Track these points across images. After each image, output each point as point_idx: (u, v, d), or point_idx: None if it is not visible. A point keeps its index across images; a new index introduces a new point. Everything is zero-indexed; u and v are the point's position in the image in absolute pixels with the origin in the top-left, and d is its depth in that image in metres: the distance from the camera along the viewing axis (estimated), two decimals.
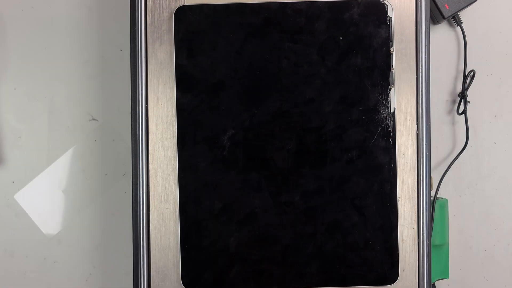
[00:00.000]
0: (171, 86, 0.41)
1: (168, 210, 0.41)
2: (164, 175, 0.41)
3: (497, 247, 0.51)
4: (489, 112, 0.50)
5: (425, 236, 0.41)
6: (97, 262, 0.51)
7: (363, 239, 0.41)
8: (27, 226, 0.51)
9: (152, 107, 0.41)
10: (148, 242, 0.41)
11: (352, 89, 0.40)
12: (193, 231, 0.41)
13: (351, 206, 0.41)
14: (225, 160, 0.41)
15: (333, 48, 0.40)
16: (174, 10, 0.41)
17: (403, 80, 0.41)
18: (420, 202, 0.41)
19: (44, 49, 0.51)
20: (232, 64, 0.41)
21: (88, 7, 0.51)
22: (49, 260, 0.51)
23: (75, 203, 0.51)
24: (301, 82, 0.40)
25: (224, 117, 0.41)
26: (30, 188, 0.51)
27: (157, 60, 0.41)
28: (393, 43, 0.41)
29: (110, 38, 0.51)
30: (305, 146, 0.41)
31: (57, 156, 0.51)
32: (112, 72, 0.50)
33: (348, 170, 0.41)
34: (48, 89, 0.51)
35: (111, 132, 0.51)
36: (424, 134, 0.41)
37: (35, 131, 0.51)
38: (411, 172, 0.41)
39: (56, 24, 0.51)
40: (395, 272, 0.41)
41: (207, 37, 0.41)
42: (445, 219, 0.47)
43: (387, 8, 0.41)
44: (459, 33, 0.50)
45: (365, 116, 0.40)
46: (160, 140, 0.41)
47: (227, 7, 0.40)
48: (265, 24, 0.40)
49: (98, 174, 0.51)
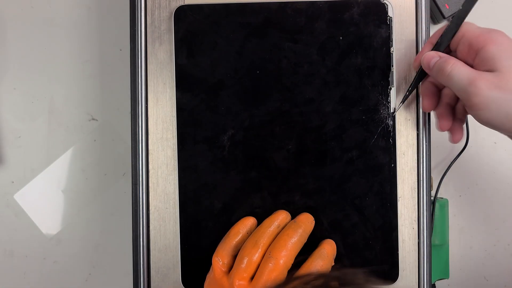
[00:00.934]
0: (171, 86, 0.41)
1: (168, 210, 0.41)
2: (164, 175, 0.41)
3: (497, 247, 0.51)
4: None
5: (425, 236, 0.41)
6: (97, 262, 0.51)
7: (363, 239, 0.41)
8: (26, 226, 0.51)
9: (152, 107, 0.41)
10: (148, 242, 0.41)
11: (352, 89, 0.40)
12: (193, 231, 0.41)
13: (351, 206, 0.40)
14: (225, 160, 0.41)
15: (333, 48, 0.40)
16: (174, 10, 0.41)
17: (403, 80, 0.41)
18: (420, 202, 0.41)
19: (43, 49, 0.51)
20: (232, 63, 0.40)
21: (87, 6, 0.51)
22: (48, 260, 0.51)
23: (75, 203, 0.51)
24: (301, 82, 0.40)
25: (224, 117, 0.40)
26: (29, 188, 0.51)
27: (157, 60, 0.41)
28: (393, 43, 0.41)
29: (110, 38, 0.51)
30: (305, 146, 0.40)
31: (56, 156, 0.51)
32: (111, 72, 0.50)
33: (348, 170, 0.41)
34: (47, 89, 0.51)
35: (111, 132, 0.51)
36: (424, 134, 0.41)
37: (34, 131, 0.50)
38: (411, 172, 0.41)
39: (55, 23, 0.51)
40: (395, 272, 0.41)
41: (207, 37, 0.40)
42: (445, 219, 0.47)
43: (387, 7, 0.40)
44: None
45: (365, 116, 0.40)
46: (160, 140, 0.41)
47: (227, 7, 0.40)
48: (265, 23, 0.40)
49: (97, 174, 0.51)
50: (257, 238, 0.36)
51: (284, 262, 0.35)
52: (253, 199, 0.41)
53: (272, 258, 0.35)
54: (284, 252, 0.35)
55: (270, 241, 0.36)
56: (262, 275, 0.35)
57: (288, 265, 0.35)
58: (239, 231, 0.38)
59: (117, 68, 0.50)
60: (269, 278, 0.34)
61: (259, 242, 0.36)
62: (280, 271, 0.35)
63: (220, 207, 0.41)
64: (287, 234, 0.36)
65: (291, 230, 0.37)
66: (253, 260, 0.35)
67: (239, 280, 0.35)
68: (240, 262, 0.35)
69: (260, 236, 0.36)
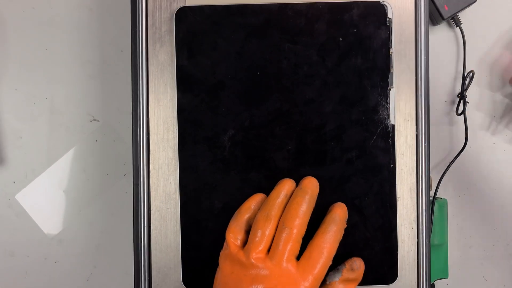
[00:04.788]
0: (172, 87, 0.41)
1: (169, 210, 0.41)
2: (165, 175, 0.41)
3: (496, 247, 0.51)
4: (488, 112, 0.51)
5: (425, 236, 0.41)
6: (98, 262, 0.51)
7: (362, 239, 0.41)
8: (28, 226, 0.51)
9: (153, 108, 0.41)
10: (149, 242, 0.41)
11: (352, 90, 0.41)
12: (194, 231, 0.41)
13: (351, 206, 0.41)
14: (226, 160, 0.41)
15: (333, 49, 0.41)
16: (175, 11, 0.41)
17: (402, 81, 0.41)
18: (420, 202, 0.41)
19: (45, 50, 0.51)
20: (232, 64, 0.41)
21: (88, 7, 0.51)
22: (50, 260, 0.51)
23: (76, 203, 0.51)
24: (301, 83, 0.41)
25: (225, 118, 0.41)
26: (31, 188, 0.51)
27: (158, 61, 0.41)
28: (393, 44, 0.41)
29: (110, 39, 0.51)
30: (305, 146, 0.41)
31: (58, 156, 0.51)
32: (112, 72, 0.51)
33: (348, 170, 0.41)
34: (48, 90, 0.51)
35: (112, 133, 0.51)
36: (423, 135, 0.41)
37: (36, 132, 0.51)
38: (410, 172, 0.41)
39: (57, 24, 0.51)
40: (394, 272, 0.41)
41: (208, 38, 0.41)
42: (445, 219, 0.47)
43: (386, 9, 0.41)
44: (459, 34, 0.50)
45: (365, 117, 0.41)
46: (161, 140, 0.41)
47: (228, 8, 0.41)
48: (265, 25, 0.41)
49: (99, 174, 0.51)
50: (268, 211, 0.37)
51: (298, 230, 0.36)
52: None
53: (286, 228, 0.36)
54: (298, 221, 0.36)
55: (280, 211, 0.37)
56: (278, 246, 0.35)
57: (302, 232, 0.37)
58: (250, 207, 0.39)
59: (118, 69, 0.51)
60: (285, 248, 0.35)
61: (270, 214, 0.37)
62: (296, 240, 0.36)
63: (220, 207, 0.41)
64: (297, 202, 0.37)
65: (299, 197, 0.38)
66: (267, 233, 0.36)
67: (256, 253, 0.35)
68: (255, 236, 0.36)
69: (270, 208, 0.37)
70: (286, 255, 0.35)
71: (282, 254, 0.35)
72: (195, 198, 0.41)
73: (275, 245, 0.36)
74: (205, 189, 0.41)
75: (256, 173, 0.41)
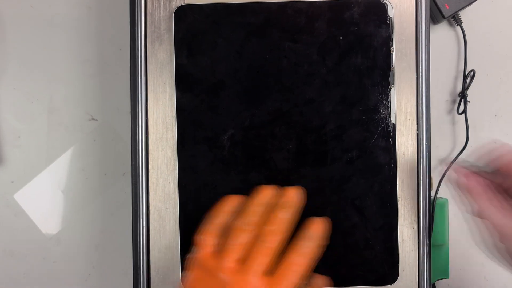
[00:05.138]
0: (170, 86, 0.41)
1: (168, 210, 0.41)
2: (163, 175, 0.41)
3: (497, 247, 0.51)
4: (489, 111, 0.50)
5: (425, 236, 0.41)
6: (97, 262, 0.51)
7: (363, 239, 0.41)
8: (26, 225, 0.51)
9: (152, 107, 0.41)
10: (148, 242, 0.41)
11: (352, 89, 0.40)
12: (193, 231, 0.41)
13: (351, 206, 0.40)
14: (225, 160, 0.41)
15: (333, 48, 0.40)
16: (174, 10, 0.41)
17: (403, 80, 0.41)
18: (420, 202, 0.41)
19: (43, 49, 0.51)
20: (232, 63, 0.40)
21: (87, 6, 0.51)
22: (48, 260, 0.51)
23: (75, 202, 0.51)
24: (301, 82, 0.40)
25: (224, 117, 0.40)
26: (29, 188, 0.51)
27: (157, 59, 0.41)
28: (393, 43, 0.41)
29: (109, 38, 0.50)
30: (305, 146, 0.40)
31: (56, 155, 0.50)
32: (111, 71, 0.50)
33: (348, 170, 0.41)
34: (47, 89, 0.50)
35: (111, 132, 0.51)
36: (424, 134, 0.41)
37: (34, 131, 0.50)
38: (411, 172, 0.41)
39: (55, 23, 0.51)
40: (395, 272, 0.41)
41: (207, 37, 0.40)
42: (445, 219, 0.47)
43: (387, 7, 0.40)
44: (459, 32, 0.50)
45: (365, 116, 0.40)
46: (160, 140, 0.41)
47: (227, 7, 0.40)
48: (265, 23, 0.40)
49: (97, 173, 0.51)
50: (247, 219, 0.35)
51: (275, 247, 0.34)
52: None
53: (266, 243, 0.34)
54: (277, 237, 0.34)
55: (260, 220, 0.35)
56: (255, 260, 0.33)
57: (279, 248, 0.34)
58: (225, 210, 0.36)
59: (117, 68, 0.50)
60: (258, 262, 0.33)
61: (249, 222, 0.34)
62: (271, 255, 0.34)
63: None
64: (280, 217, 0.35)
65: (283, 212, 0.35)
66: (244, 242, 0.34)
67: (229, 262, 0.33)
68: (229, 244, 0.34)
69: (250, 217, 0.35)
70: (257, 269, 0.33)
71: (253, 267, 0.33)
72: (194, 198, 0.41)
73: (249, 258, 0.33)
74: (204, 189, 0.41)
75: (256, 173, 0.41)
